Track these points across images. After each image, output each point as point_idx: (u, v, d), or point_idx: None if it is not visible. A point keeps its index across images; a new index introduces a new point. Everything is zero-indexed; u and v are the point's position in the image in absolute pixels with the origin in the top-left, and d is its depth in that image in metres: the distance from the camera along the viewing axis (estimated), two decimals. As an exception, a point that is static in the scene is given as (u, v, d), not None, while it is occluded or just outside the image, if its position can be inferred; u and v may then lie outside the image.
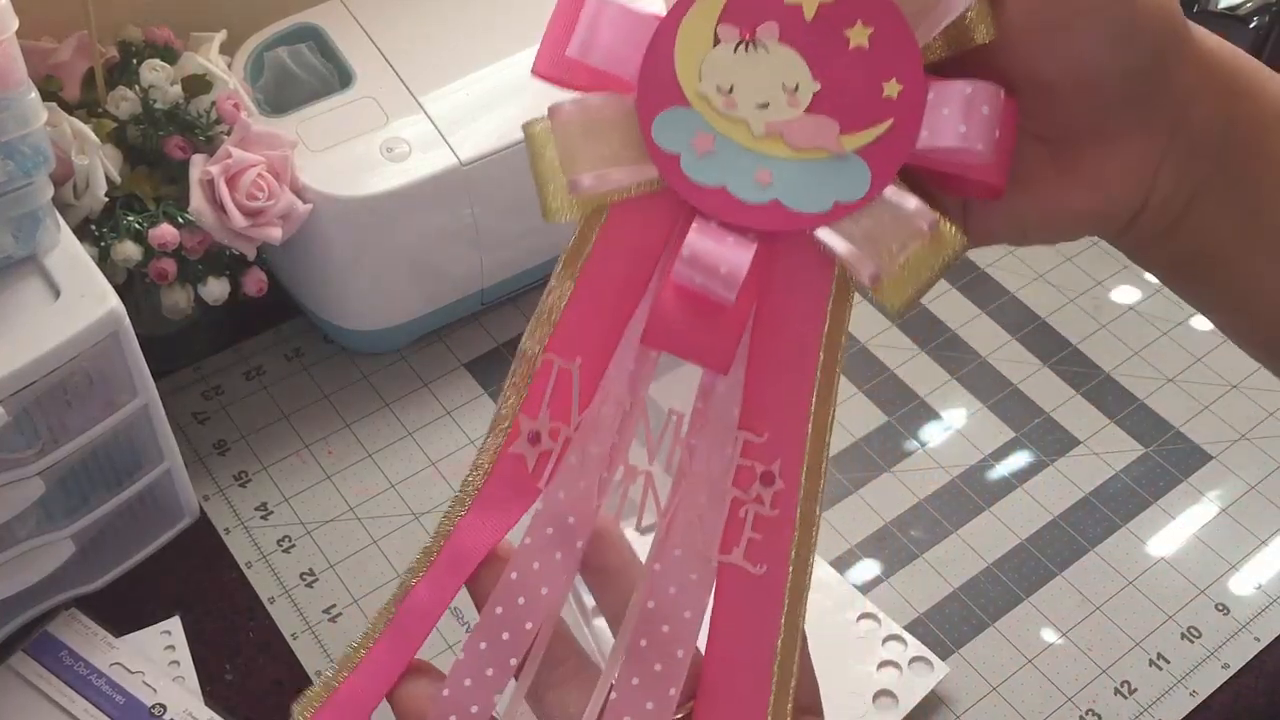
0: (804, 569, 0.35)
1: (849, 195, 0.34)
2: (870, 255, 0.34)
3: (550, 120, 0.35)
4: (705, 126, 0.34)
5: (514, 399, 0.36)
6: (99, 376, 0.57)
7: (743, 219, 0.34)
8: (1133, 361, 0.78)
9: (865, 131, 0.34)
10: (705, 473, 0.35)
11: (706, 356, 0.34)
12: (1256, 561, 0.69)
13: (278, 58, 0.72)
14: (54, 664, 0.61)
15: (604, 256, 0.35)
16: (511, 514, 0.36)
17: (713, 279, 0.33)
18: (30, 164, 0.54)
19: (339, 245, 0.69)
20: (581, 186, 0.34)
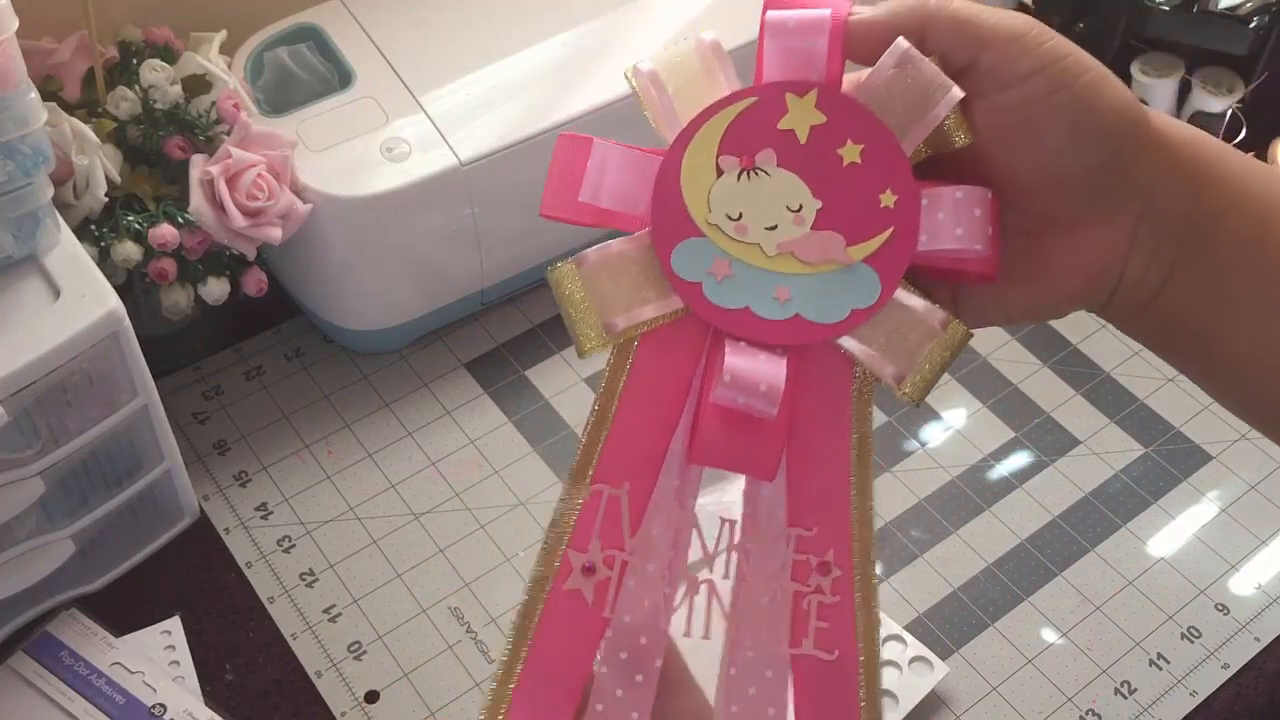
0: (873, 646, 0.37)
1: (863, 301, 0.36)
2: (891, 357, 0.37)
3: (577, 268, 0.37)
4: (720, 253, 0.36)
5: (561, 536, 0.37)
6: (99, 376, 0.57)
7: (769, 336, 0.36)
8: (1133, 361, 0.78)
9: (869, 241, 0.36)
10: (763, 572, 0.37)
11: (752, 467, 0.36)
12: (1256, 561, 0.69)
13: (278, 58, 0.72)
14: (54, 664, 0.61)
15: (640, 384, 0.37)
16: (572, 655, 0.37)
17: (754, 397, 0.35)
18: (30, 164, 0.54)
19: (339, 245, 0.69)
20: (617, 327, 0.37)
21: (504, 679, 0.36)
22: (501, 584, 0.67)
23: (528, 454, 0.72)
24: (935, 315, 0.37)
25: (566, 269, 0.37)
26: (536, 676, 0.36)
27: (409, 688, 0.63)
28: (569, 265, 0.37)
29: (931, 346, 0.37)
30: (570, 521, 0.37)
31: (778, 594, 0.37)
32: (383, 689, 0.63)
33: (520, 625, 0.37)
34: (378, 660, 0.64)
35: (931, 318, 0.37)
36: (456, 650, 0.64)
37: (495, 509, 0.70)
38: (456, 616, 0.65)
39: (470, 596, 0.66)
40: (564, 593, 0.37)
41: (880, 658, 0.37)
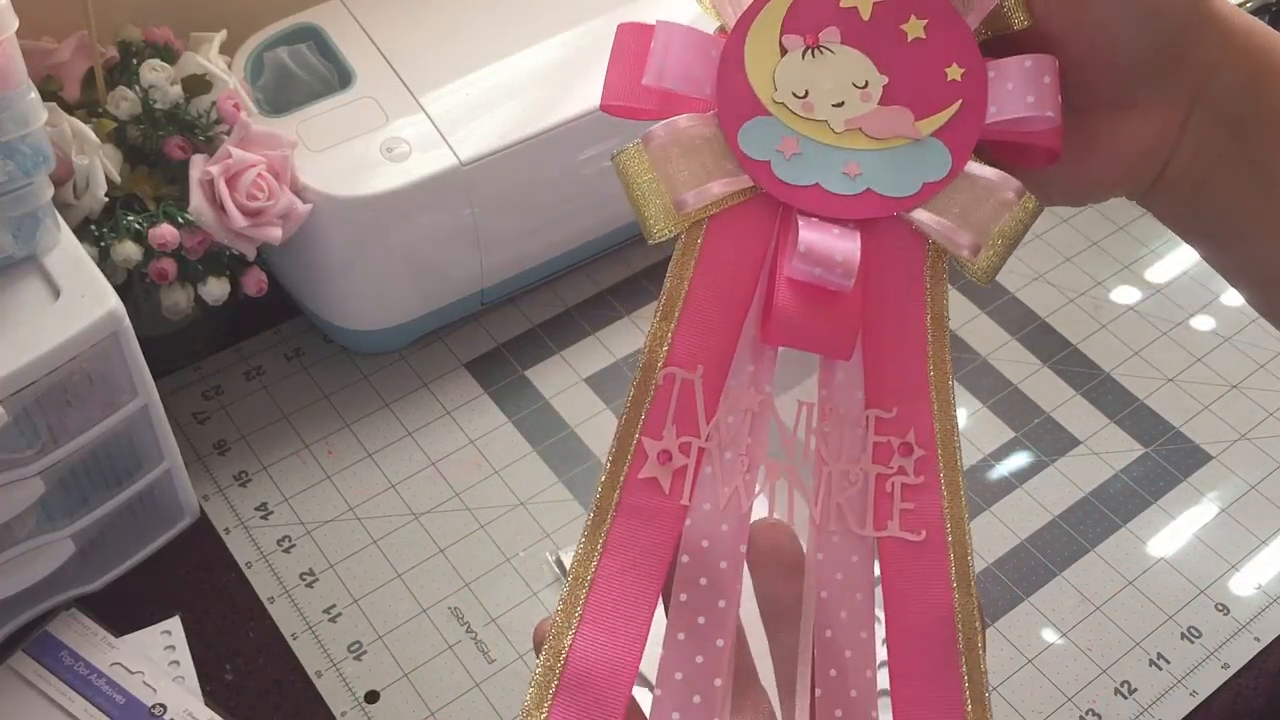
0: (962, 527, 0.36)
1: (934, 175, 0.36)
2: (966, 228, 0.36)
3: (645, 145, 0.36)
4: (788, 131, 0.36)
5: (634, 424, 0.36)
6: (99, 376, 0.57)
7: (841, 210, 0.36)
8: (1133, 361, 0.78)
9: (938, 115, 0.36)
10: (843, 455, 0.36)
11: (829, 345, 0.36)
12: (1256, 561, 0.69)
13: (278, 58, 0.72)
14: (54, 664, 0.61)
15: (711, 266, 0.36)
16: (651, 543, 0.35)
17: (830, 269, 0.35)
18: (30, 164, 0.54)
19: (339, 245, 0.69)
20: (687, 204, 0.36)
21: (579, 574, 0.35)
22: (501, 584, 0.67)
23: (528, 454, 0.72)
24: (1009, 185, 0.36)
25: (633, 149, 0.36)
26: (614, 570, 0.35)
27: (409, 688, 0.63)
28: (635, 145, 0.36)
29: (1006, 218, 0.36)
30: (643, 408, 0.36)
31: (859, 477, 0.36)
32: (383, 689, 0.63)
33: (594, 522, 0.35)
34: (378, 660, 0.63)
35: (1006, 188, 0.36)
36: (456, 650, 0.64)
37: (495, 509, 0.70)
38: (456, 616, 0.65)
39: (470, 596, 0.66)
40: (639, 482, 0.35)
41: (971, 542, 0.36)
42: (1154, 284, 0.83)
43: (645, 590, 0.35)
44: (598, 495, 0.35)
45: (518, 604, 0.66)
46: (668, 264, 0.37)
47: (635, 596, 0.35)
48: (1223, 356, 0.79)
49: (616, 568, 0.35)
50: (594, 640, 0.34)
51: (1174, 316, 0.81)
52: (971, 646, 0.35)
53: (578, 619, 0.34)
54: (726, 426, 0.36)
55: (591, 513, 0.35)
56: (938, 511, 0.36)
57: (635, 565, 0.35)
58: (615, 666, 0.34)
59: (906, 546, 0.36)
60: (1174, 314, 0.81)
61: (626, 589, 0.35)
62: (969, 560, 0.36)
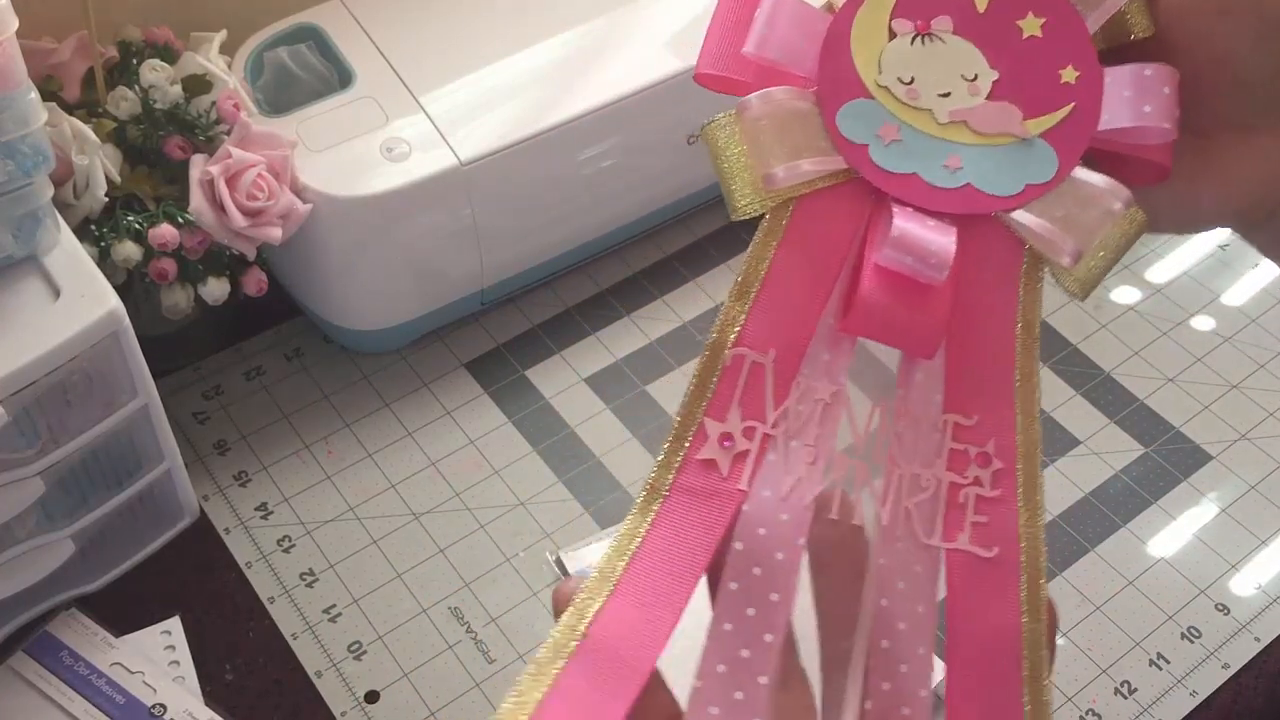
0: (1037, 549, 0.34)
1: (1039, 177, 0.34)
2: (1069, 234, 0.34)
3: (739, 115, 0.35)
4: (890, 117, 0.35)
5: (697, 404, 0.34)
6: (99, 376, 0.57)
7: (937, 203, 0.34)
8: (1133, 361, 0.78)
9: (1048, 116, 0.34)
10: (916, 459, 0.34)
11: (913, 340, 0.34)
12: (1257, 561, 0.69)
13: (277, 58, 0.72)
14: (54, 664, 0.61)
15: (795, 247, 0.35)
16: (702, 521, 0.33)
17: (923, 260, 0.33)
18: (30, 164, 0.54)
19: (339, 245, 0.69)
20: (777, 180, 0.34)
21: (622, 544, 0.33)
22: (501, 584, 0.67)
23: (528, 454, 0.72)
24: (1119, 194, 0.34)
25: (725, 118, 0.35)
26: (659, 546, 0.33)
27: (409, 688, 0.63)
28: (728, 115, 0.35)
29: (1111, 228, 0.34)
30: (708, 388, 0.34)
31: (931, 483, 0.34)
32: (383, 689, 0.63)
33: (644, 500, 0.33)
34: (378, 660, 0.64)
35: (1114, 197, 0.34)
36: (457, 650, 0.64)
37: (495, 509, 0.70)
38: (456, 616, 0.65)
39: (470, 596, 0.66)
40: (696, 463, 0.33)
41: (1045, 563, 0.34)
42: (1154, 284, 0.83)
43: (688, 568, 0.33)
44: (652, 476, 0.34)
45: (518, 604, 0.66)
46: (666, 265, 0.35)
47: (676, 573, 0.33)
48: (1223, 356, 0.79)
49: (661, 544, 0.33)
50: (624, 610, 0.32)
51: (1174, 316, 0.81)
52: (1036, 675, 0.33)
53: (611, 587, 0.32)
54: (795, 415, 0.34)
55: (644, 492, 0.33)
56: (1013, 528, 0.34)
57: (682, 542, 0.33)
58: (642, 638, 0.32)
59: (976, 562, 0.34)
60: (1174, 314, 0.81)
61: (669, 565, 0.33)
62: (1041, 584, 0.33)
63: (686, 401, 0.34)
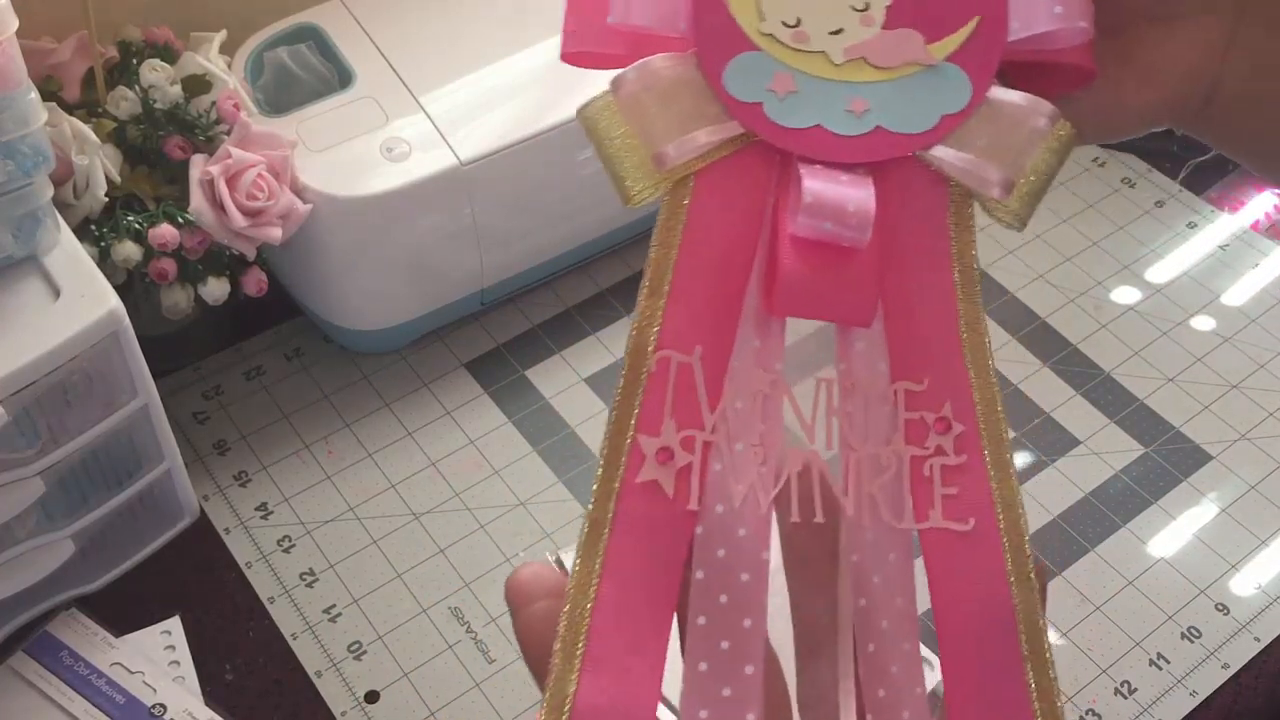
0: (1014, 511, 0.31)
1: (953, 105, 0.31)
2: (994, 163, 0.31)
3: (615, 94, 0.31)
4: (780, 66, 0.31)
5: (626, 420, 0.30)
6: (99, 376, 0.57)
7: (847, 154, 0.31)
8: (1133, 361, 0.78)
9: (952, 36, 0.31)
10: (872, 437, 0.31)
11: (845, 311, 0.31)
12: (1257, 561, 0.69)
13: (277, 58, 0.72)
14: (54, 664, 0.61)
15: (701, 229, 0.31)
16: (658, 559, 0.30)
17: (842, 222, 0.30)
18: (30, 164, 0.54)
19: (339, 245, 0.69)
20: (669, 159, 0.31)
21: (577, 603, 0.29)
22: (501, 584, 0.67)
23: (528, 454, 0.72)
24: (1041, 110, 0.31)
25: (601, 101, 0.32)
26: (617, 595, 0.29)
27: (409, 688, 0.63)
28: (603, 96, 0.32)
29: (1040, 149, 0.31)
30: (635, 401, 0.30)
31: (892, 461, 0.31)
32: (383, 689, 0.63)
33: (588, 539, 0.30)
34: (378, 660, 0.63)
35: (1037, 114, 0.31)
36: (457, 650, 0.64)
37: (495, 509, 0.70)
38: (456, 616, 0.65)
39: (470, 597, 0.66)
40: (637, 488, 0.30)
41: (1027, 527, 0.31)
42: (1154, 284, 0.83)
43: (656, 618, 0.29)
44: (590, 507, 0.31)
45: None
46: None
47: (646, 627, 0.29)
48: (1223, 356, 0.79)
49: (619, 594, 0.29)
50: (602, 685, 0.29)
51: (1174, 316, 0.81)
52: (1037, 650, 0.31)
53: (579, 660, 0.29)
54: (734, 414, 0.30)
55: (585, 528, 0.30)
56: (985, 495, 0.31)
57: (641, 588, 0.30)
58: (630, 715, 0.29)
59: (953, 538, 0.31)
60: (1174, 314, 0.81)
61: (635, 619, 0.29)
62: (1026, 549, 0.31)
63: (614, 419, 0.30)
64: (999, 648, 0.31)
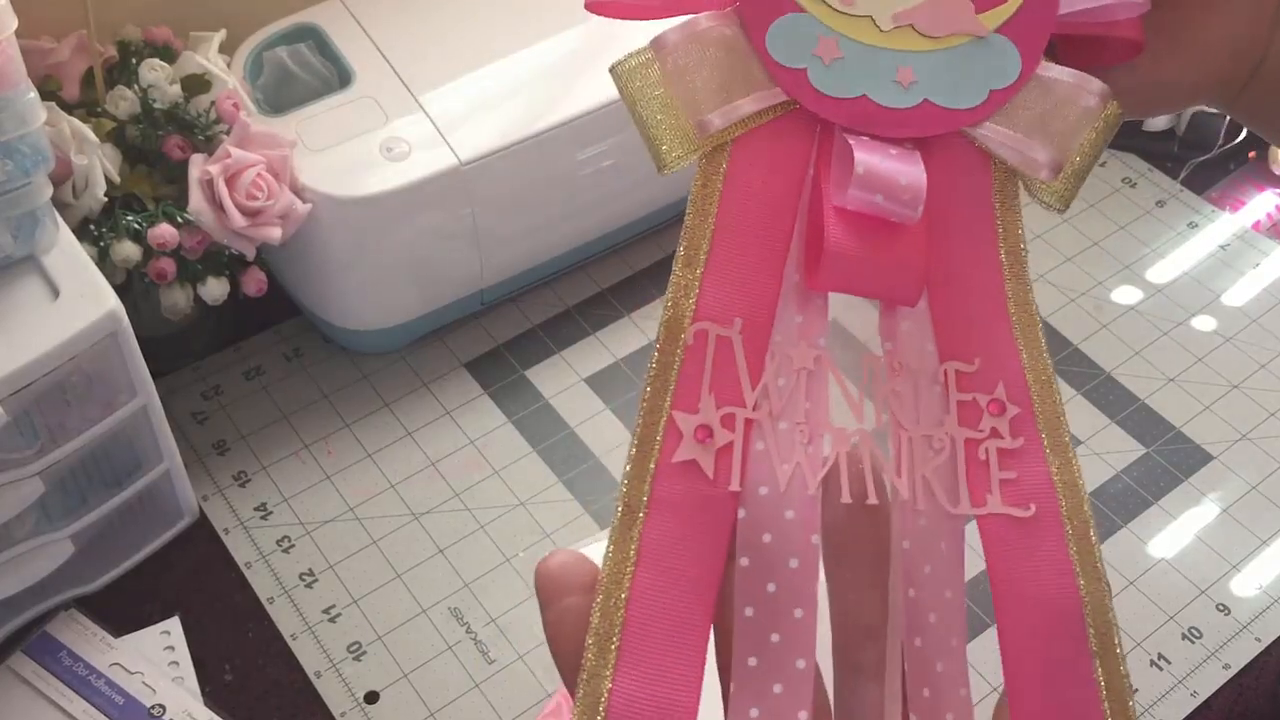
0: (1078, 496, 0.30)
1: (1001, 80, 0.30)
2: (1043, 142, 0.30)
3: (655, 52, 0.30)
4: (825, 30, 0.30)
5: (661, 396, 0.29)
6: (98, 376, 0.57)
7: (895, 127, 0.30)
8: (1134, 361, 0.78)
9: (1003, 6, 0.30)
10: (923, 419, 0.30)
11: (892, 287, 0.30)
12: (1258, 562, 0.69)
13: (277, 57, 0.72)
14: (53, 664, 0.61)
15: (739, 199, 0.30)
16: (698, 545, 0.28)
17: (894, 196, 0.29)
18: (29, 163, 0.54)
19: (338, 245, 0.69)
20: (712, 126, 0.29)
21: (610, 593, 0.27)
22: (501, 584, 0.67)
23: (528, 454, 0.72)
24: (1092, 88, 0.30)
25: (639, 58, 0.30)
26: (654, 585, 0.27)
27: (409, 688, 0.63)
28: (641, 53, 0.30)
29: (1087, 129, 0.30)
30: (671, 375, 0.29)
31: (944, 443, 0.29)
32: (382, 689, 0.62)
33: (622, 523, 0.28)
34: (377, 661, 0.63)
35: (1087, 92, 0.30)
36: (456, 650, 0.64)
37: (495, 509, 0.70)
38: (456, 617, 0.65)
39: (470, 597, 0.66)
40: (674, 468, 0.28)
41: (1092, 513, 0.29)
42: (1155, 284, 0.83)
43: (696, 609, 0.27)
44: (623, 489, 0.28)
45: (518, 604, 0.66)
46: (666, 265, 0.33)
47: (685, 619, 0.27)
48: (1224, 356, 0.79)
49: (657, 583, 0.27)
50: (639, 683, 0.27)
51: (1175, 316, 0.81)
52: (1107, 645, 0.29)
53: (614, 655, 0.27)
54: (777, 390, 0.29)
55: (619, 511, 0.28)
56: (1045, 479, 0.30)
57: (681, 577, 0.28)
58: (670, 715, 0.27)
59: (1013, 525, 0.29)
60: (1175, 314, 0.81)
61: (673, 610, 0.27)
62: (1092, 537, 0.29)
63: (648, 395, 0.29)
64: (1065, 643, 0.29)
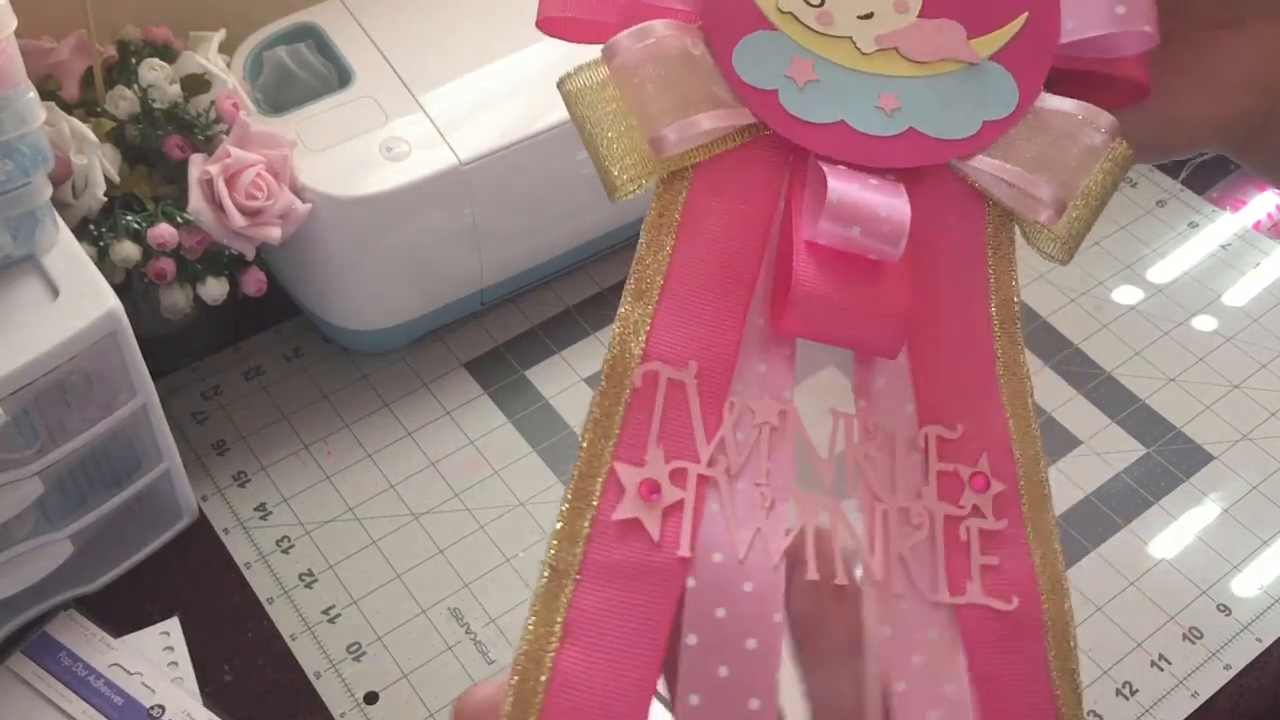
0: (1059, 592, 0.27)
1: (997, 110, 0.27)
2: (1045, 179, 0.27)
3: (607, 63, 0.27)
4: (800, 50, 0.27)
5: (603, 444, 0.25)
6: (97, 376, 0.57)
7: (875, 157, 0.27)
8: (1134, 361, 0.78)
9: (998, 31, 0.27)
10: (899, 490, 0.26)
11: (869, 335, 0.26)
12: (1259, 562, 0.69)
13: (276, 57, 0.72)
14: (52, 665, 0.61)
15: (699, 231, 0.27)
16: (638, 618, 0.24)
17: (872, 230, 0.25)
18: (29, 163, 0.54)
19: (338, 245, 0.69)
20: (667, 144, 0.26)
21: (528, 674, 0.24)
22: (501, 585, 0.66)
23: (528, 454, 0.72)
24: (1097, 121, 0.27)
25: (588, 71, 0.27)
26: (581, 665, 0.24)
27: (408, 689, 0.63)
28: (591, 66, 0.27)
29: (1094, 168, 0.27)
30: (614, 423, 0.25)
31: (923, 518, 0.26)
32: (382, 690, 0.62)
33: (547, 590, 0.24)
34: (377, 661, 0.63)
35: (1092, 127, 0.27)
36: (456, 651, 0.64)
37: (495, 509, 0.69)
38: (456, 617, 0.65)
39: (470, 597, 0.66)
40: (613, 527, 0.24)
41: (1071, 608, 0.26)
42: (1156, 284, 0.82)
43: (631, 697, 0.23)
44: (551, 550, 0.24)
45: (517, 605, 0.66)
46: None
47: (617, 709, 0.23)
48: (1224, 356, 0.78)
49: (585, 663, 0.23)
50: None
51: (1176, 316, 0.81)
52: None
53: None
54: (735, 445, 0.25)
55: (544, 576, 0.24)
56: (1028, 570, 0.27)
57: (616, 657, 0.23)
58: None
59: (993, 619, 0.26)
60: (1176, 314, 0.81)
61: (602, 698, 0.23)
62: (1071, 641, 0.26)
63: (585, 445, 0.25)
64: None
